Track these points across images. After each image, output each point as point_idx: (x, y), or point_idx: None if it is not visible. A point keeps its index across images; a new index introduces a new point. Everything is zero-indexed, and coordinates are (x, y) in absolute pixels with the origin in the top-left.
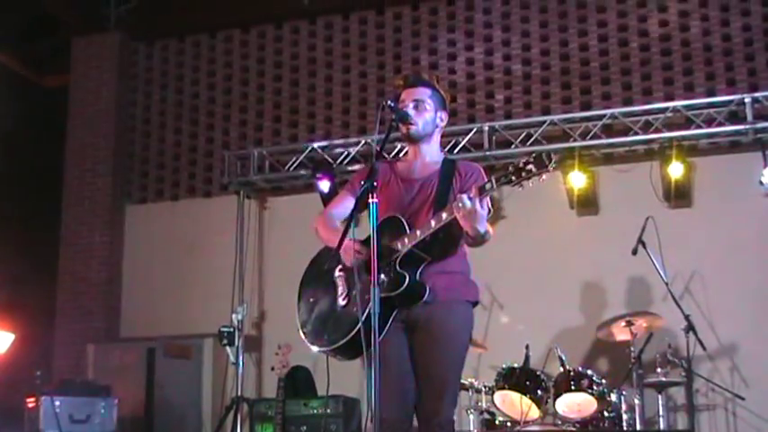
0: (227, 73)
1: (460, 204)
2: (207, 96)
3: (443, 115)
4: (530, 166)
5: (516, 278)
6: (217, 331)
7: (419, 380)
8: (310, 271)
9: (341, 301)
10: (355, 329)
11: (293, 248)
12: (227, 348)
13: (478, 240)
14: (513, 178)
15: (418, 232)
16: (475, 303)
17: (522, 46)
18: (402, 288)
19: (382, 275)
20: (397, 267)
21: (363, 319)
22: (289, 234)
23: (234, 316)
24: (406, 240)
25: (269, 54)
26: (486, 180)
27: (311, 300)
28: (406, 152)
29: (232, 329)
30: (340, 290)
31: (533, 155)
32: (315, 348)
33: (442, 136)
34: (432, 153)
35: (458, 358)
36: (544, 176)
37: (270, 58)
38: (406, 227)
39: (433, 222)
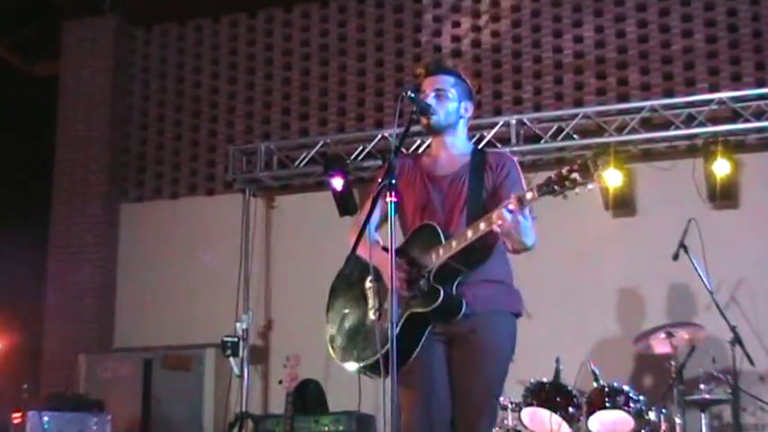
0: (232, 61)
1: (500, 222)
2: (210, 86)
3: (469, 105)
4: (574, 175)
5: (545, 285)
6: (219, 341)
7: (457, 396)
8: (339, 282)
9: (371, 315)
10: (386, 347)
11: (303, 251)
12: (231, 360)
13: (522, 251)
14: (556, 188)
15: (454, 243)
16: (518, 315)
17: (553, 32)
18: (437, 304)
19: (416, 289)
20: (431, 281)
21: (397, 334)
22: (298, 236)
23: (238, 325)
24: (441, 252)
25: (277, 40)
26: (520, 177)
27: (344, 311)
28: (430, 145)
29: (236, 339)
30: (371, 303)
31: (578, 161)
32: (346, 366)
33: (467, 129)
34: (458, 145)
35: (499, 374)
36: (590, 186)
37: (278, 45)
38: (442, 237)
39: (470, 233)
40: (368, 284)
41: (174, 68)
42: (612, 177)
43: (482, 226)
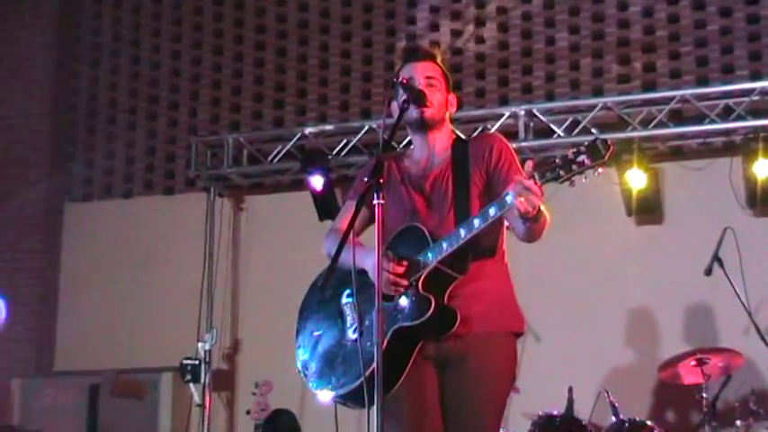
0: (197, 38)
1: (523, 199)
2: (170, 67)
3: (452, 99)
4: (582, 157)
5: (557, 302)
6: (178, 364)
7: (450, 429)
8: (312, 297)
9: (351, 335)
10: (369, 370)
11: (276, 261)
12: (191, 386)
13: (537, 229)
14: (562, 172)
15: (444, 245)
16: (519, 334)
17: (569, 9)
18: (427, 316)
19: (402, 300)
20: (421, 289)
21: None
22: (271, 242)
23: (200, 345)
24: (430, 255)
25: (249, 15)
26: (514, 156)
27: (315, 334)
28: (412, 146)
29: (197, 362)
30: (349, 320)
31: (586, 143)
32: (321, 395)
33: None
34: (442, 142)
35: (498, 403)
36: (600, 170)
37: (250, 21)
38: (429, 239)
39: (462, 232)
40: (345, 300)
41: (129, 46)
42: (636, 179)
43: (492, 211)
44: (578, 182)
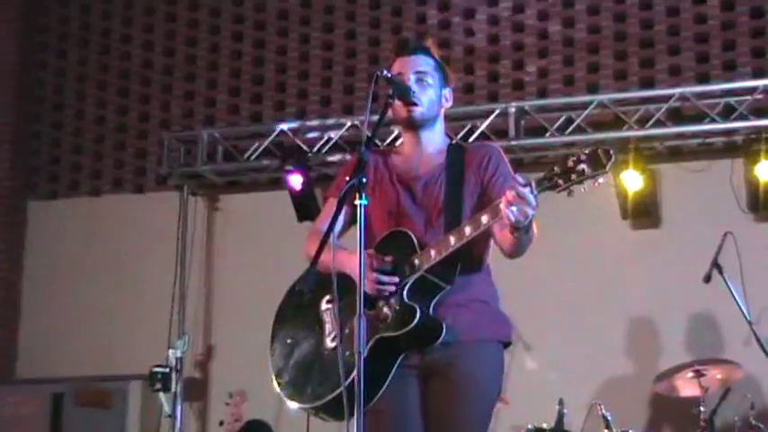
0: (170, 28)
1: (516, 209)
2: (142, 59)
3: (448, 94)
4: (582, 166)
5: (548, 310)
6: (148, 372)
7: None
8: (289, 302)
9: (329, 343)
10: (348, 380)
11: (252, 263)
12: (161, 395)
13: (524, 242)
14: (560, 182)
15: (432, 252)
16: (507, 344)
17: (563, 1)
18: (412, 326)
19: (385, 309)
20: (406, 298)
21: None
22: (247, 244)
23: (171, 352)
24: (416, 263)
25: (226, 5)
26: (509, 169)
27: (289, 341)
28: (401, 142)
29: (168, 370)
30: (328, 328)
31: (586, 150)
32: (294, 405)
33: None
34: (435, 142)
35: (484, 415)
36: (600, 180)
37: (227, 10)
38: (416, 245)
39: (452, 239)
40: (324, 305)
41: (98, 36)
42: (632, 180)
43: (484, 219)
44: (581, 187)
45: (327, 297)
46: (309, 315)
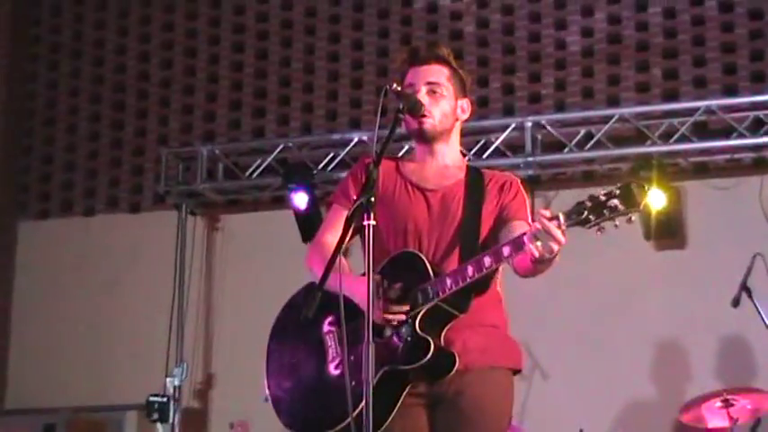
0: (168, 38)
1: (547, 231)
2: (138, 71)
3: (465, 105)
4: (614, 202)
5: (566, 336)
6: (144, 402)
7: None
8: (286, 319)
9: (332, 369)
10: (357, 411)
11: (255, 286)
12: (159, 426)
13: (542, 270)
14: (591, 217)
15: (449, 281)
16: (517, 371)
17: (581, 9)
18: (425, 360)
19: (395, 338)
20: (418, 328)
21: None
22: (249, 266)
23: (169, 381)
24: (431, 291)
25: (226, 13)
26: (526, 203)
27: (288, 362)
28: (414, 151)
29: (165, 399)
30: (331, 352)
31: (619, 185)
32: None
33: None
34: (451, 155)
35: None
36: (633, 218)
37: (227, 20)
38: (430, 271)
39: (470, 270)
40: (326, 327)
41: (92, 46)
42: (656, 199)
43: (506, 251)
44: (614, 223)
45: (330, 318)
46: (311, 335)
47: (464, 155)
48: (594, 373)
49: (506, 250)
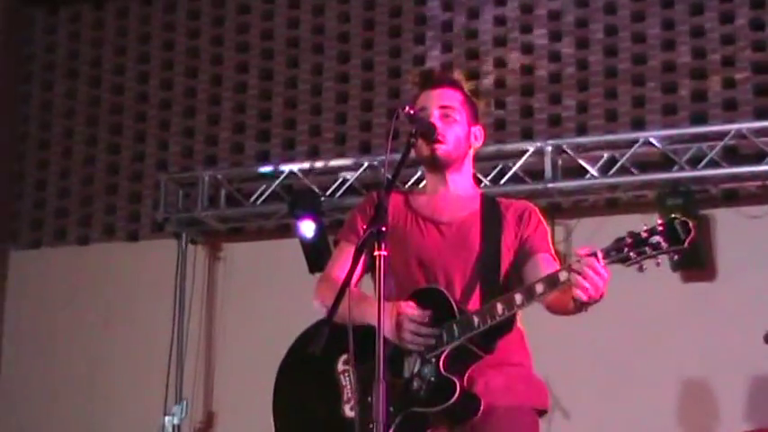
0: (167, 58)
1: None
2: (136, 92)
3: (478, 132)
4: (656, 239)
5: (588, 373)
6: None
7: None
8: (297, 354)
9: (347, 411)
10: None
11: (258, 319)
12: None
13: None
14: (632, 255)
15: (476, 320)
16: (543, 412)
17: (604, 28)
18: (450, 403)
19: (416, 380)
20: (442, 369)
21: None
22: (253, 298)
23: (167, 419)
24: (456, 330)
25: (229, 32)
26: (548, 233)
27: (298, 401)
28: (425, 184)
29: None
30: (346, 393)
31: (660, 222)
32: None
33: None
34: (464, 185)
35: None
36: (676, 257)
37: (230, 38)
38: (455, 308)
39: (500, 308)
40: (341, 366)
41: (88, 66)
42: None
43: (539, 289)
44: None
45: (345, 357)
46: (324, 373)
47: (479, 181)
48: (617, 413)
49: (540, 287)
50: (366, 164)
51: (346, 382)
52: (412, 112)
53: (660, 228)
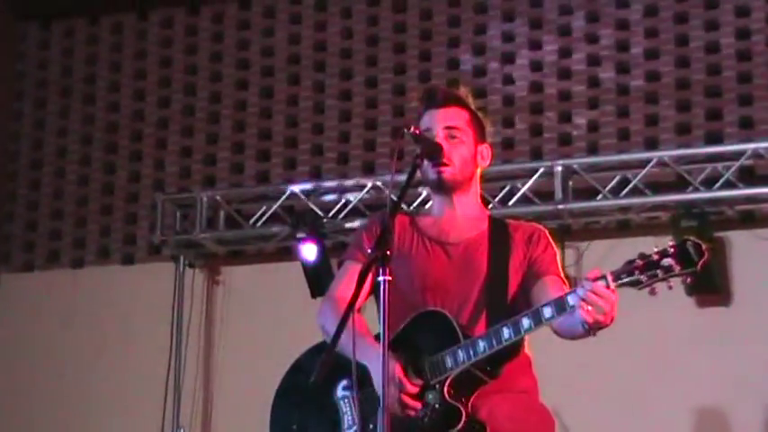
0: (165, 74)
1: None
2: (132, 109)
3: (485, 151)
4: (668, 262)
5: (599, 401)
6: None
7: None
8: (293, 380)
9: None
10: None
11: (258, 345)
12: None
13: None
14: (643, 278)
15: (481, 344)
16: None
17: (616, 43)
18: (455, 430)
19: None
20: (447, 395)
21: None
22: (252, 323)
23: None
24: (462, 356)
25: (229, 47)
26: (557, 256)
27: (295, 428)
28: (431, 205)
29: None
30: (347, 420)
31: (671, 244)
32: None
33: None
34: (470, 206)
35: None
36: (689, 280)
37: (230, 54)
38: (459, 333)
39: (506, 332)
40: (341, 392)
41: (82, 83)
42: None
43: (547, 313)
44: (666, 284)
45: (344, 382)
46: (323, 399)
47: (487, 202)
48: None
49: (548, 311)
50: (369, 184)
51: (347, 408)
52: (417, 132)
53: (672, 250)
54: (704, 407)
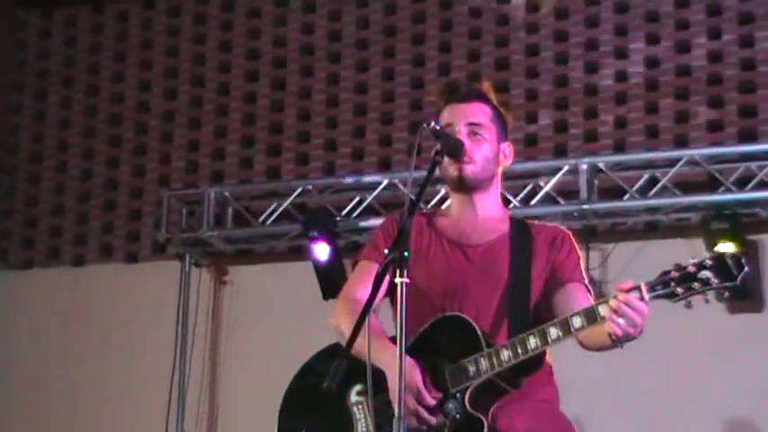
0: (171, 65)
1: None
2: (137, 101)
3: (507, 149)
4: (706, 274)
5: (625, 412)
6: None
7: None
8: (302, 384)
9: None
10: None
11: (267, 347)
12: None
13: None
14: (679, 290)
15: (505, 353)
16: None
17: (645, 36)
18: None
19: (440, 414)
20: (468, 405)
21: None
22: (261, 325)
23: None
24: (484, 365)
25: (238, 37)
26: (581, 261)
27: None
28: (449, 204)
29: None
30: (360, 427)
31: (709, 255)
32: None
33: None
34: (492, 207)
35: None
36: (727, 294)
37: (239, 44)
38: (483, 341)
39: (532, 342)
40: (354, 398)
41: (85, 73)
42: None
43: (577, 323)
44: (704, 297)
45: (358, 387)
46: (335, 404)
47: (508, 201)
48: None
49: (577, 321)
50: (385, 182)
51: (361, 415)
52: (438, 127)
53: (710, 262)
54: (735, 419)
